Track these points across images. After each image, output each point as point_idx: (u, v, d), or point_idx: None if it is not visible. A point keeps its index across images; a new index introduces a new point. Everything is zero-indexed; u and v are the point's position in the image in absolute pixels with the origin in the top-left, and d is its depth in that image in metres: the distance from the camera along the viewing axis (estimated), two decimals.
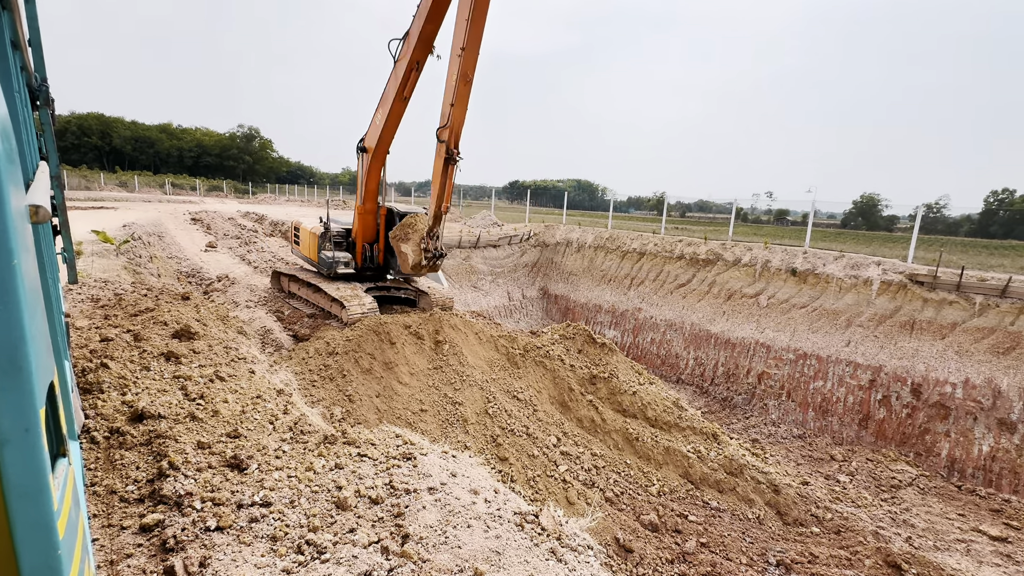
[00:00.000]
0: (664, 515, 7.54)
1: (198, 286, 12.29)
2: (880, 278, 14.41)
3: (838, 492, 10.20)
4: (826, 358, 14.34)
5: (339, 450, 4.33)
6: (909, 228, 17.31)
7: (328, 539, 3.17)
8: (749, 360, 15.98)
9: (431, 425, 7.73)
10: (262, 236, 20.75)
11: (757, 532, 7.91)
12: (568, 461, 8.11)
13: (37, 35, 3.39)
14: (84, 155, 59.44)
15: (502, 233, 23.27)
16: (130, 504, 3.47)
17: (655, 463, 8.81)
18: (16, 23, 1.88)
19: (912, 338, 13.23)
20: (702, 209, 56.30)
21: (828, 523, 8.54)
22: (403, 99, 9.79)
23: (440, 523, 3.42)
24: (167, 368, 5.32)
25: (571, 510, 7.08)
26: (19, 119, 1.80)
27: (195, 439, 4.10)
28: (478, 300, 20.01)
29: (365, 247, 11.16)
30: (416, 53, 9.28)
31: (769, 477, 9.03)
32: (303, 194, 55.50)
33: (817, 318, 15.06)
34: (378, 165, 10.57)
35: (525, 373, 9.70)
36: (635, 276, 20.36)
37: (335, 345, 8.33)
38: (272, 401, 5.18)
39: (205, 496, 3.45)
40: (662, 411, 9.74)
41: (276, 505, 3.46)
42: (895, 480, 11.11)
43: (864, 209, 44.42)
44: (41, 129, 3.47)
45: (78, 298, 7.62)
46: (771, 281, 16.68)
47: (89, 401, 4.44)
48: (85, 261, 10.46)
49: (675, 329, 18.28)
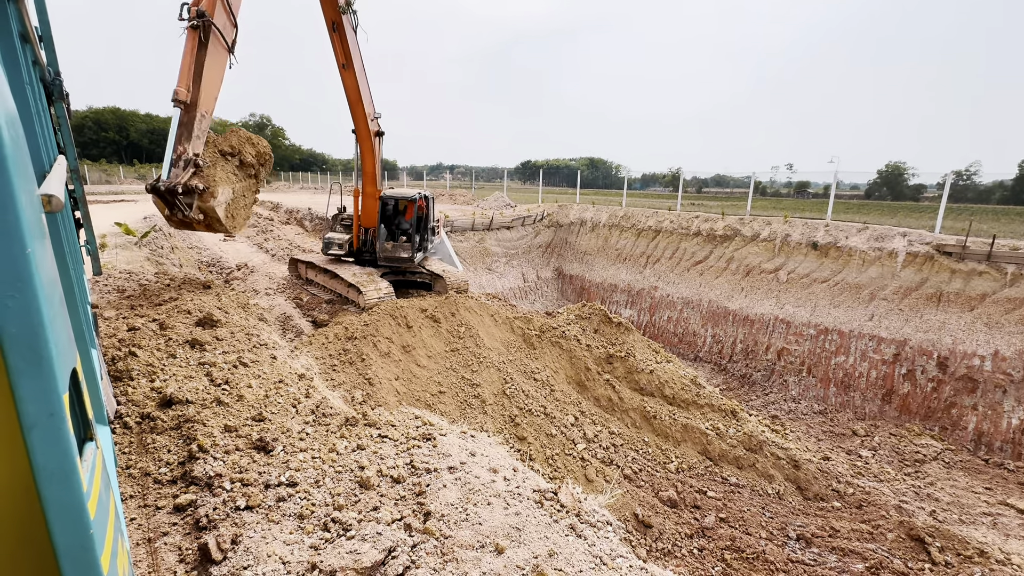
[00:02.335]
0: (683, 491, 7.58)
1: (219, 275, 12.54)
2: (906, 250, 13.98)
3: (860, 467, 10.11)
4: (848, 333, 14.06)
5: (360, 432, 4.43)
6: (937, 197, 16.68)
7: (353, 517, 3.26)
8: (768, 336, 15.76)
9: (450, 406, 7.84)
10: (278, 224, 21.00)
11: (777, 507, 7.91)
12: (586, 440, 8.17)
13: (48, 29, 3.41)
14: (103, 149, 60.47)
15: (515, 214, 23.12)
16: (163, 485, 3.61)
17: (673, 440, 8.83)
18: (24, 15, 1.89)
19: (939, 310, 12.86)
20: (719, 184, 55.05)
21: (850, 497, 8.49)
22: (341, 66, 9.39)
23: (461, 501, 3.48)
24: (192, 355, 5.46)
25: (590, 487, 7.16)
26: (32, 112, 1.82)
27: (222, 423, 4.23)
28: (493, 282, 20.03)
29: (363, 231, 11.15)
30: (325, 11, 8.80)
31: (789, 453, 8.98)
32: (316, 181, 55.77)
33: (839, 292, 14.73)
34: (364, 145, 10.36)
35: (541, 354, 9.73)
36: (651, 254, 20.11)
37: (353, 330, 8.45)
38: (294, 385, 5.30)
39: (234, 477, 3.56)
40: (680, 389, 9.71)
41: (302, 485, 3.57)
42: (919, 454, 10.95)
43: (889, 178, 42.83)
44: (57, 123, 3.51)
45: (104, 289, 7.83)
46: (791, 256, 16.31)
47: (120, 388, 4.60)
48: (109, 253, 10.74)
49: (692, 307, 18.09)
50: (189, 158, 7.05)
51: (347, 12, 8.92)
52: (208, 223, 7.61)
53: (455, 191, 39.01)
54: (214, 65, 7.12)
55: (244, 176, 8.31)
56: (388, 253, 10.88)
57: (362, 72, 9.74)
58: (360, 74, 9.65)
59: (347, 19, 8.96)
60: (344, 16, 8.85)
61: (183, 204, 7.03)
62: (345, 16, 8.88)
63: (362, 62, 9.73)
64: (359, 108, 9.84)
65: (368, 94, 10.11)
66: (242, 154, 8.16)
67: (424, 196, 11.50)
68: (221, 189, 7.43)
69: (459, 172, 77.88)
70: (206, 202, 7.28)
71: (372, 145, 10.37)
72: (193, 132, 7.03)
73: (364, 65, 9.83)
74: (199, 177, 7.22)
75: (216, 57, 7.12)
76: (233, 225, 7.96)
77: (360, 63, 9.64)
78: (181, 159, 7.00)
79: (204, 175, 7.30)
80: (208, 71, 7.00)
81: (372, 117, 10.25)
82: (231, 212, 7.88)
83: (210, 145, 7.71)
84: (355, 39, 9.41)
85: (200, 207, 7.31)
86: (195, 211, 7.28)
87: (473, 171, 61.61)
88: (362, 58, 9.72)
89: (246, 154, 8.24)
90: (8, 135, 0.67)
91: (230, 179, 7.83)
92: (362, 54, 9.72)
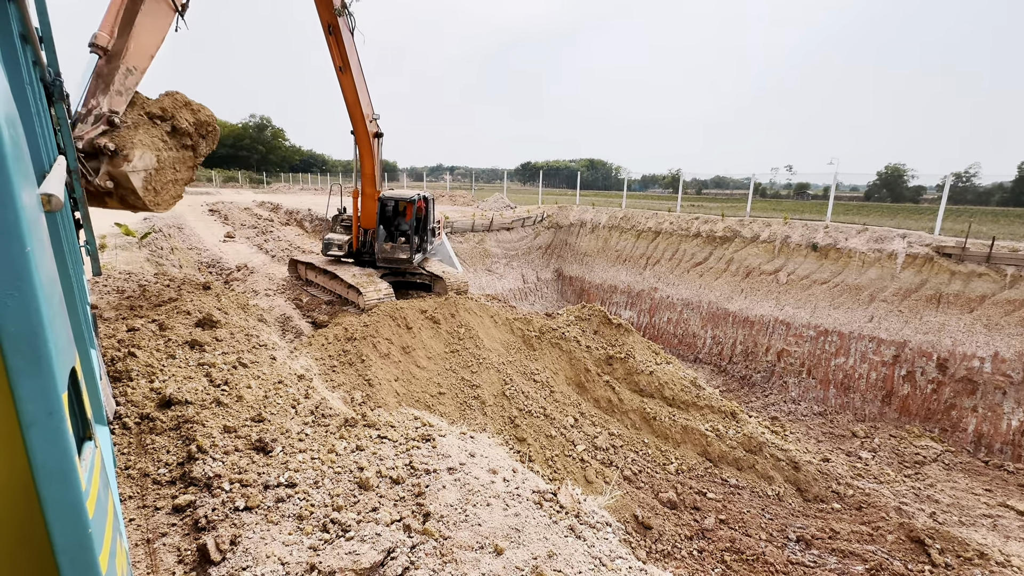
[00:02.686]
0: (683, 493, 7.57)
1: (218, 276, 12.53)
2: (905, 251, 13.98)
3: (860, 468, 10.11)
4: (848, 334, 14.06)
5: (360, 432, 4.43)
6: (936, 199, 16.69)
7: (352, 517, 3.26)
8: (768, 338, 15.76)
9: (449, 407, 7.83)
10: (278, 225, 20.99)
11: (777, 509, 7.90)
12: (586, 441, 8.17)
13: (48, 30, 3.41)
14: None
15: (515, 216, 23.12)
16: (162, 486, 3.61)
17: (673, 442, 8.83)
18: (25, 15, 1.89)
19: (939, 312, 12.87)
20: (719, 185, 55.07)
21: (849, 499, 8.48)
22: (339, 70, 9.34)
23: (460, 502, 3.48)
24: (192, 356, 5.46)
25: (589, 488, 7.15)
26: (32, 113, 1.83)
27: (221, 423, 4.23)
28: (493, 283, 20.03)
29: (362, 232, 11.13)
30: (321, 14, 8.71)
31: (789, 454, 8.98)
32: (316, 182, 55.82)
33: (839, 294, 14.73)
34: (362, 146, 10.31)
35: (541, 355, 9.73)
36: (651, 255, 20.12)
37: (353, 331, 8.45)
38: (293, 386, 5.30)
39: (233, 478, 3.56)
40: (679, 390, 9.70)
41: (301, 486, 3.56)
42: (919, 456, 10.94)
43: (889, 180, 42.87)
44: (57, 124, 3.52)
45: (104, 290, 7.83)
46: (791, 257, 16.32)
47: (119, 389, 4.60)
48: (109, 254, 10.74)
49: (692, 308, 18.09)
50: (102, 113, 6.07)
51: (343, 14, 8.80)
52: (122, 195, 6.38)
53: (455, 192, 39.02)
54: (152, 17, 6.34)
55: (177, 146, 7.15)
56: (387, 254, 10.86)
57: (360, 75, 9.67)
58: (358, 77, 9.57)
59: (343, 21, 8.86)
60: (340, 18, 8.74)
61: (87, 169, 5.88)
62: (341, 18, 8.77)
63: (359, 64, 9.65)
64: (357, 110, 9.78)
65: (366, 96, 10.06)
66: (176, 119, 7.00)
67: (424, 197, 11.50)
68: (139, 153, 6.29)
69: (459, 173, 77.93)
70: (117, 167, 6.14)
71: (371, 146, 10.32)
72: (112, 86, 6.10)
73: (362, 67, 9.75)
74: (110, 137, 6.16)
75: (155, 9, 6.39)
76: (156, 201, 6.76)
77: (358, 65, 9.57)
78: (92, 113, 6.02)
79: (119, 135, 6.26)
80: (142, 21, 6.20)
81: (371, 118, 10.20)
82: (153, 184, 6.64)
83: (137, 105, 6.72)
84: (352, 41, 9.32)
85: (110, 172, 6.15)
86: (103, 177, 6.07)
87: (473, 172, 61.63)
88: (359, 60, 9.64)
89: (181, 120, 7.05)
90: (8, 135, 0.68)
91: (156, 145, 6.69)
92: (359, 56, 9.65)
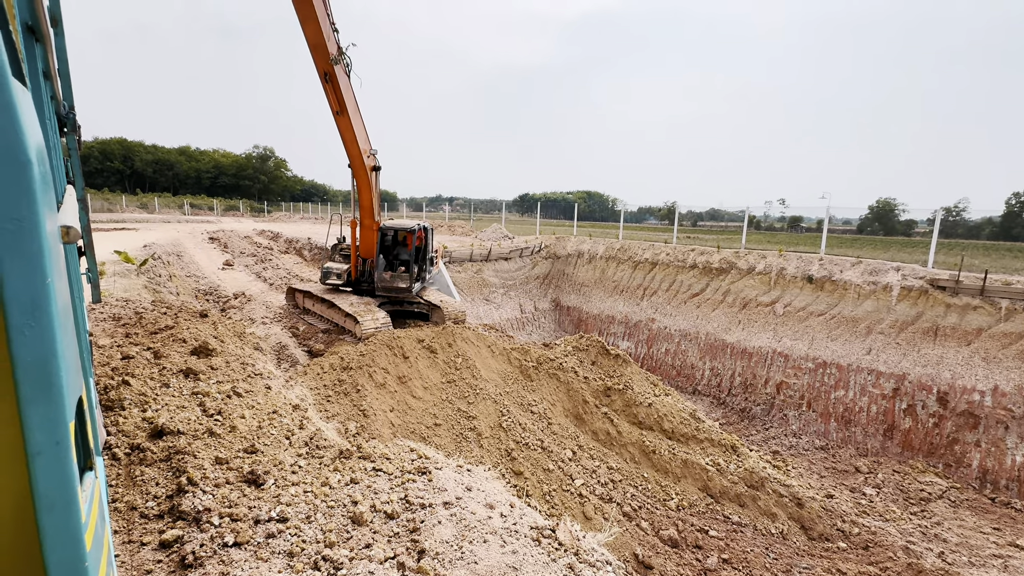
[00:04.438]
0: (684, 530, 7.37)
1: (216, 304, 12.50)
2: (900, 284, 14.12)
3: (864, 505, 9.89)
4: (847, 366, 14.02)
5: (354, 465, 4.34)
6: (927, 232, 16.98)
7: (344, 555, 3.16)
8: (767, 370, 15.69)
9: (445, 439, 7.70)
10: (277, 253, 21.11)
11: (781, 547, 7.68)
12: (584, 475, 8.00)
13: (65, 65, 3.54)
14: (107, 179, 61.37)
15: (513, 246, 23.34)
16: (150, 520, 3.50)
17: (673, 476, 8.65)
18: (48, 54, 1.98)
19: (936, 345, 12.88)
20: (714, 218, 55.88)
21: (855, 538, 8.27)
22: (336, 114, 9.44)
23: (456, 538, 3.39)
24: (186, 385, 5.40)
25: (588, 525, 6.96)
26: (50, 145, 1.88)
27: (213, 455, 4.14)
28: (490, 313, 20.02)
29: (360, 261, 11.19)
30: (317, 62, 8.82)
31: (791, 490, 8.80)
32: (316, 212, 56.43)
33: (836, 326, 14.77)
34: (360, 180, 10.40)
35: (539, 386, 9.64)
36: (648, 286, 20.22)
37: (349, 360, 8.39)
38: (288, 416, 5.22)
39: (223, 512, 3.47)
40: (679, 423, 9.58)
41: (293, 520, 3.47)
42: (924, 492, 10.73)
43: (881, 214, 43.70)
44: (68, 154, 3.60)
45: (100, 317, 7.80)
46: (787, 289, 16.44)
47: (111, 418, 4.52)
48: (108, 281, 10.73)
49: (690, 339, 18.06)
50: None
51: (340, 61, 8.93)
52: None
53: (454, 222, 39.48)
54: None
55: None
56: (386, 283, 10.90)
57: (356, 115, 9.80)
58: (355, 117, 9.69)
59: (340, 68, 8.98)
60: (336, 66, 8.85)
61: None
62: (338, 65, 8.88)
63: (356, 105, 9.80)
64: (355, 148, 9.88)
65: (363, 133, 10.18)
66: None
67: (423, 227, 11.65)
68: None
69: (458, 204, 79.02)
70: None
71: (368, 180, 10.45)
72: None
73: (359, 106, 9.92)
74: None
75: None
76: None
77: (355, 106, 9.71)
78: None
79: None
80: None
81: (368, 153, 10.34)
82: None
83: None
84: (349, 84, 9.43)
85: None
86: None
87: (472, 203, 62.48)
88: (356, 101, 9.80)
89: None
90: (38, 171, 0.71)
91: None
92: (356, 96, 9.80)
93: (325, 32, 8.48)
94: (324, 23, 8.44)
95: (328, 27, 8.60)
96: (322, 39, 8.46)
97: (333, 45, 8.76)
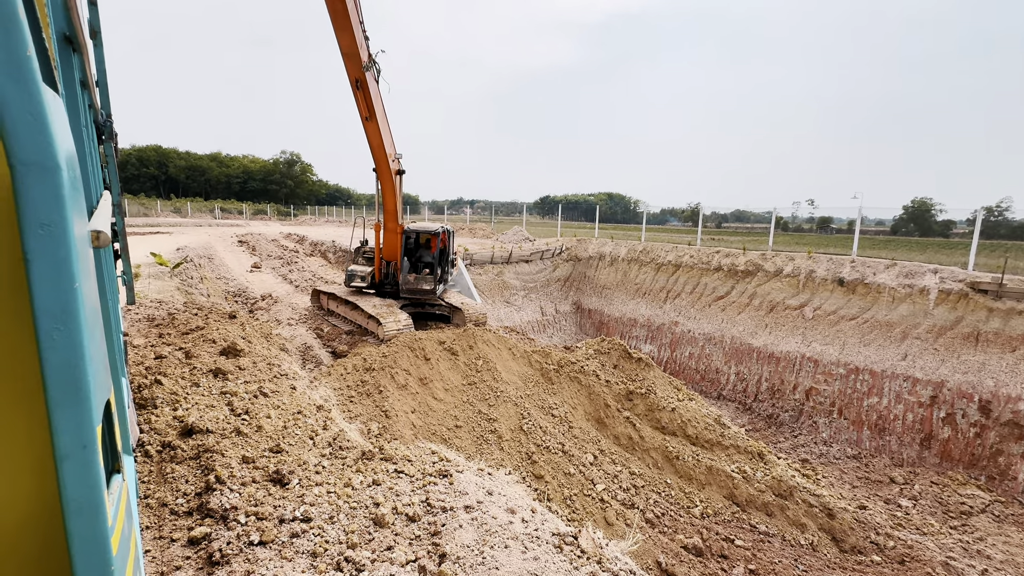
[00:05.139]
0: (708, 539, 7.19)
1: (244, 305, 12.83)
2: (938, 287, 13.52)
3: (900, 518, 9.48)
4: (881, 373, 13.49)
5: (376, 466, 4.37)
6: (967, 233, 16.24)
7: (366, 556, 3.17)
8: (795, 375, 15.22)
9: (466, 441, 7.70)
10: (303, 256, 21.55)
11: (811, 559, 7.42)
12: (606, 480, 7.89)
13: (104, 75, 3.67)
14: (143, 184, 63.88)
15: (534, 248, 23.29)
16: (179, 517, 3.59)
17: (697, 483, 8.46)
18: (85, 64, 2.04)
19: (977, 351, 12.28)
20: (739, 219, 54.74)
21: (891, 551, 7.92)
22: (365, 119, 9.61)
23: (477, 543, 3.36)
24: (215, 384, 5.53)
25: (610, 531, 6.85)
26: (86, 152, 1.95)
27: (240, 453, 4.22)
28: (511, 315, 20.00)
29: (384, 264, 11.31)
30: (349, 70, 8.99)
31: (822, 500, 8.50)
32: (341, 215, 57.49)
33: (869, 330, 14.24)
34: (385, 184, 10.54)
35: (560, 389, 9.57)
36: (671, 289, 19.90)
37: (372, 361, 8.48)
38: (312, 417, 5.29)
39: (249, 510, 3.52)
40: (703, 428, 9.37)
41: (316, 521, 3.50)
42: (965, 506, 10.22)
43: (916, 214, 42.01)
44: (105, 161, 3.73)
45: (135, 317, 8.08)
46: (816, 292, 15.93)
47: (144, 416, 4.66)
48: (143, 283, 11.13)
49: (714, 343, 17.67)
50: None
51: (371, 68, 9.12)
52: None
53: (475, 225, 39.65)
54: None
55: None
56: (411, 285, 11.02)
57: (384, 121, 9.96)
58: (383, 123, 9.85)
59: (370, 75, 9.16)
60: (368, 72, 9.04)
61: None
62: (369, 72, 9.06)
63: (384, 111, 9.97)
64: (381, 153, 10.04)
65: (390, 139, 10.34)
66: None
67: (445, 230, 11.74)
68: None
69: (479, 206, 79.38)
70: None
71: (393, 184, 10.59)
72: None
73: (386, 112, 10.09)
74: None
75: None
76: None
77: (383, 112, 9.87)
78: None
79: None
80: None
81: (393, 158, 10.50)
82: None
83: None
84: (378, 91, 9.61)
85: None
86: None
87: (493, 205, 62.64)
88: (384, 107, 9.98)
89: None
90: (67, 177, 0.72)
91: None
92: (384, 103, 9.97)
93: (359, 41, 8.70)
94: (358, 32, 8.66)
95: (361, 36, 8.83)
96: (356, 48, 8.68)
97: (365, 53, 8.97)
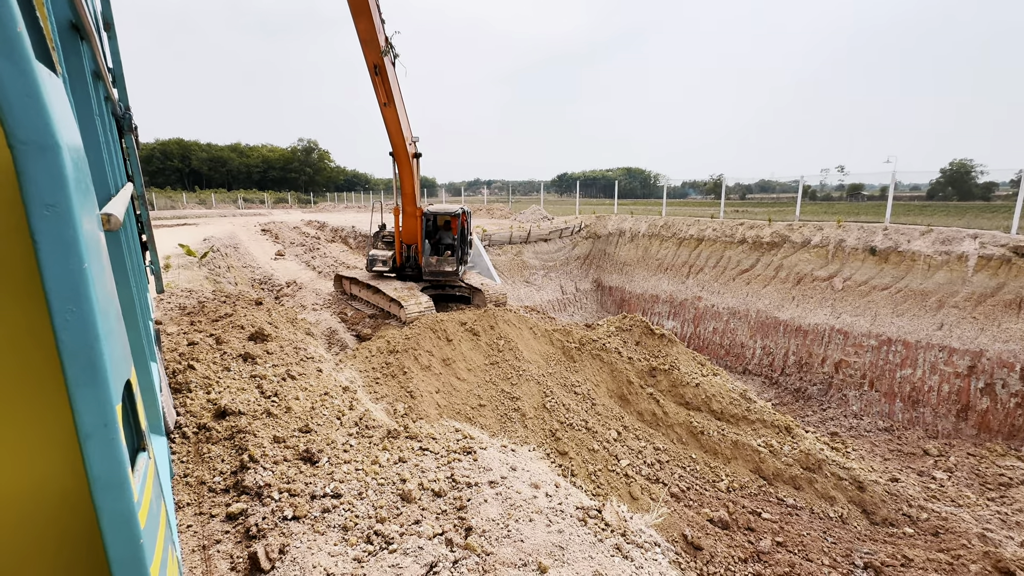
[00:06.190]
0: (735, 512, 7.18)
1: (270, 292, 13.15)
2: (977, 253, 12.90)
3: (934, 490, 9.27)
4: (915, 343, 13.05)
5: (402, 444, 4.46)
6: (1011, 195, 15.36)
7: (395, 530, 3.26)
8: (824, 348, 14.86)
9: (490, 420, 7.81)
10: (324, 242, 21.87)
11: (840, 532, 7.35)
12: (630, 455, 7.92)
13: (120, 68, 3.71)
14: (168, 177, 65.48)
15: (552, 227, 23.09)
16: (217, 494, 3.75)
17: (723, 458, 8.42)
18: (96, 56, 2.06)
19: (1020, 319, 11.74)
20: (764, 189, 52.92)
21: (924, 523, 7.78)
22: (383, 105, 9.58)
23: (502, 516, 3.42)
24: (245, 368, 5.71)
25: (635, 505, 6.91)
26: (100, 142, 1.98)
27: (271, 434, 4.37)
28: (531, 295, 20.00)
29: (404, 247, 11.37)
30: (367, 56, 8.95)
31: (852, 473, 8.36)
32: (359, 200, 57.94)
33: (902, 300, 13.74)
34: (402, 168, 10.53)
35: (582, 367, 9.57)
36: (693, 263, 19.52)
37: (395, 343, 8.61)
38: (339, 398, 5.43)
39: (282, 487, 3.66)
40: (728, 403, 9.28)
41: (346, 496, 3.61)
42: (1004, 477, 9.93)
43: (955, 177, 39.78)
44: (127, 153, 3.80)
45: (167, 307, 8.36)
46: (846, 262, 15.40)
47: (180, 400, 4.86)
48: (173, 273, 11.48)
49: (739, 317, 17.35)
50: None
51: (388, 52, 9.04)
52: None
53: (492, 205, 39.46)
54: None
55: None
56: (433, 267, 11.10)
57: (402, 105, 9.91)
58: (400, 107, 9.81)
59: (388, 59, 9.11)
60: (385, 56, 8.99)
61: None
62: (386, 56, 9.01)
63: (401, 95, 9.91)
64: (399, 137, 10.04)
65: (407, 122, 10.31)
66: None
67: (464, 211, 11.72)
68: None
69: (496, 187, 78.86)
70: None
71: (411, 167, 10.58)
72: None
73: (403, 97, 10.03)
74: None
75: None
76: None
77: (400, 97, 9.81)
78: None
79: None
80: None
81: (410, 141, 10.47)
82: None
83: None
84: (395, 76, 9.54)
85: None
86: None
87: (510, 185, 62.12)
88: (401, 91, 9.91)
89: None
90: (70, 158, 0.71)
91: None
92: (401, 87, 9.90)
93: (376, 26, 8.63)
94: (376, 17, 8.57)
95: (379, 21, 8.74)
96: (374, 33, 8.63)
97: (382, 37, 8.89)
